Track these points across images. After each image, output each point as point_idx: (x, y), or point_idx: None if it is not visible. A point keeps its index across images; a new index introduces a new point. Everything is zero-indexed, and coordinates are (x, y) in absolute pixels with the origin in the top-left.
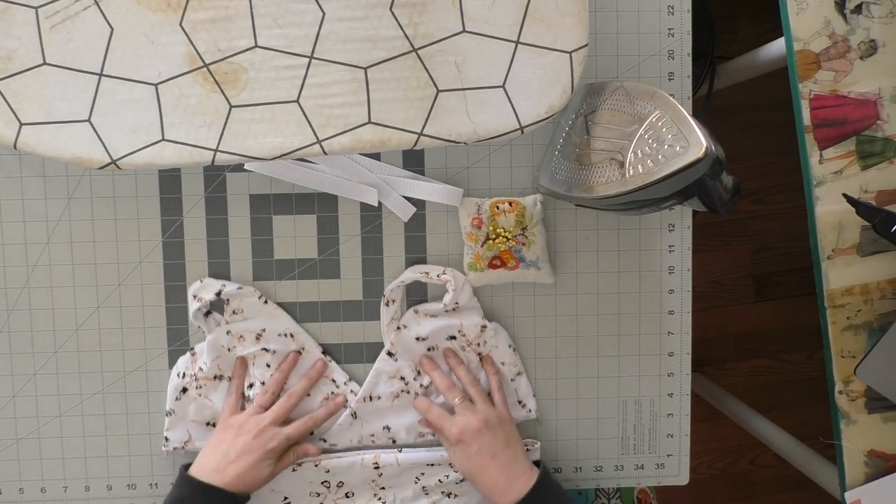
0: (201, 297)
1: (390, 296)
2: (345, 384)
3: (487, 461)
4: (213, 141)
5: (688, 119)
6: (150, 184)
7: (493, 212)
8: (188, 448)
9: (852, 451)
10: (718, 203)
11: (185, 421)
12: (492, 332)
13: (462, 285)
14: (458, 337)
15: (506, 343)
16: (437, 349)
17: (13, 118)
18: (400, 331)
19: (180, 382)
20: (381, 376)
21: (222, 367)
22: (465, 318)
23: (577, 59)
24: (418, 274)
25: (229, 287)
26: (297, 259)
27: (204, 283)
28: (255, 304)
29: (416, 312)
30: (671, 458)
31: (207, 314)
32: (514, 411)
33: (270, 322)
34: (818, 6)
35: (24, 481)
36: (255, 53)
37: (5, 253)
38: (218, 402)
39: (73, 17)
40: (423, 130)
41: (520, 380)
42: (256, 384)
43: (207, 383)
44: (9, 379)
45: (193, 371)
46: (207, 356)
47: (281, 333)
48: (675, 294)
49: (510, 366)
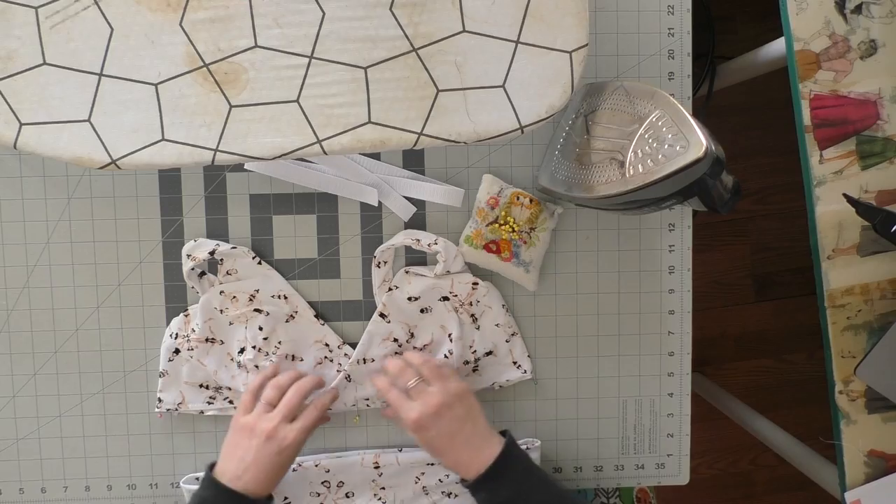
0: (195, 256)
1: (381, 257)
2: (338, 347)
3: (447, 442)
4: (213, 141)
5: (688, 119)
6: (150, 184)
7: (513, 200)
8: (181, 410)
9: (852, 451)
10: (718, 203)
11: (178, 382)
12: (484, 290)
13: (454, 256)
14: (451, 297)
15: (499, 303)
16: (429, 310)
17: (13, 118)
18: (391, 292)
19: (173, 343)
20: (374, 338)
21: (214, 330)
22: (456, 276)
23: (577, 58)
24: (409, 239)
25: (223, 247)
26: (297, 259)
27: (198, 242)
28: (249, 265)
29: (406, 273)
30: (671, 457)
31: (202, 275)
32: (508, 372)
33: (264, 283)
34: (818, 6)
35: (24, 481)
36: (255, 53)
37: (5, 253)
38: (210, 364)
39: (73, 17)
40: (423, 130)
41: (514, 340)
42: (248, 348)
43: (199, 346)
44: (9, 379)
45: (186, 332)
46: (200, 318)
47: (274, 295)
48: (676, 294)
49: (504, 327)
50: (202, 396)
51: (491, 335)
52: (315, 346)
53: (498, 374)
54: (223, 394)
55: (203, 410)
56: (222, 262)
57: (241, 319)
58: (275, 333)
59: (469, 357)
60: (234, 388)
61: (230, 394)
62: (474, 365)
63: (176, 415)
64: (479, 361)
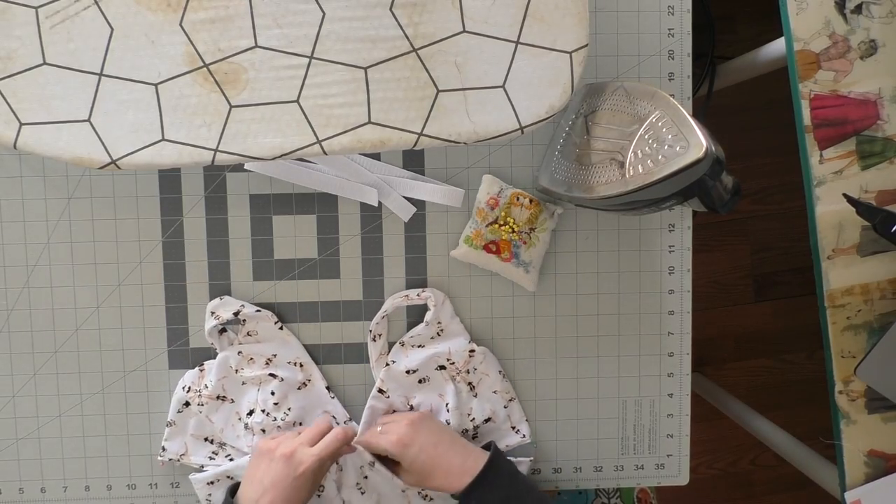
0: (219, 314)
1: (376, 330)
2: (345, 423)
3: (433, 454)
4: (213, 141)
5: (688, 119)
6: (150, 184)
7: (512, 200)
8: (183, 461)
9: (852, 451)
10: (718, 203)
11: (184, 434)
12: (480, 358)
13: (442, 301)
14: (448, 366)
15: (495, 369)
16: (427, 380)
17: (13, 118)
18: (389, 367)
19: (184, 396)
20: (375, 413)
21: (226, 388)
22: (452, 342)
23: (577, 59)
24: (398, 299)
25: (248, 308)
26: (297, 259)
27: (223, 300)
28: (269, 329)
29: (402, 345)
30: (671, 458)
31: (222, 332)
32: (507, 437)
33: (282, 348)
34: (818, 6)
35: (23, 481)
36: (255, 53)
37: (5, 253)
38: (218, 422)
39: (73, 17)
40: (423, 130)
41: (512, 406)
42: (257, 411)
43: (210, 402)
44: (9, 379)
45: (199, 387)
46: (214, 375)
47: (291, 361)
48: (675, 294)
49: (502, 393)
50: (205, 451)
51: (489, 402)
52: (323, 417)
53: (498, 439)
54: (226, 451)
55: (203, 465)
56: (244, 322)
57: (254, 381)
58: (286, 399)
59: (468, 426)
60: (238, 447)
61: (233, 452)
62: (474, 433)
63: (177, 465)
64: (479, 429)
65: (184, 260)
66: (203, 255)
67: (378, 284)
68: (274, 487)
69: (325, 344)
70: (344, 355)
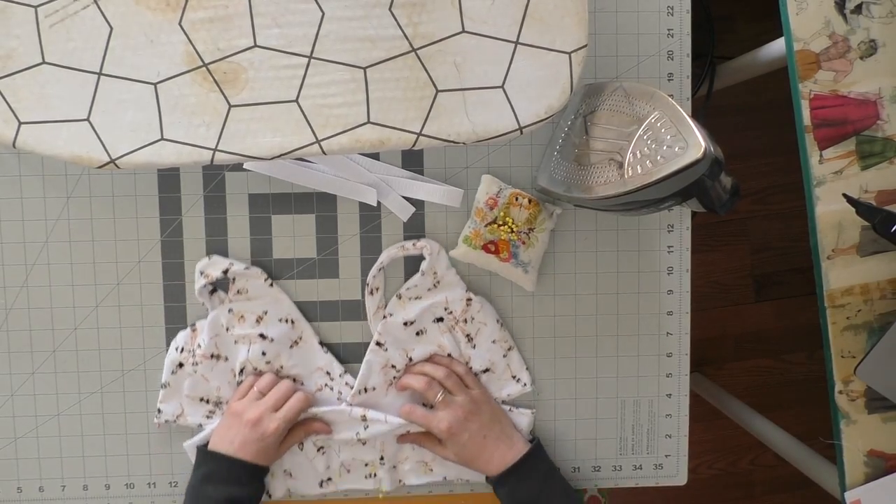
0: (208, 273)
1: (373, 284)
2: (339, 376)
3: (480, 443)
4: (213, 140)
5: (687, 120)
6: (149, 183)
7: (511, 200)
8: (179, 422)
9: (852, 451)
10: (717, 204)
11: (179, 395)
12: (478, 307)
13: (438, 251)
14: (446, 316)
15: (493, 318)
16: (425, 332)
17: (12, 117)
18: (386, 320)
19: (177, 357)
20: (373, 367)
21: (220, 347)
22: (449, 292)
23: (576, 59)
24: (394, 250)
25: (237, 266)
26: (296, 258)
27: (212, 259)
28: (260, 286)
29: (399, 298)
30: (669, 458)
31: (212, 292)
32: (508, 386)
33: (273, 305)
34: (818, 6)
35: (22, 480)
36: (254, 53)
37: (4, 252)
38: (213, 380)
39: (73, 17)
40: (422, 130)
41: (511, 354)
42: (248, 367)
43: (204, 361)
44: (7, 377)
45: (192, 347)
46: (206, 334)
47: (282, 318)
48: (674, 295)
49: (500, 342)
50: (202, 410)
51: (487, 352)
52: (317, 373)
53: (498, 389)
54: (222, 409)
55: (201, 424)
56: (234, 280)
57: (244, 340)
58: (278, 358)
59: None
60: None
61: None
62: None
63: (174, 426)
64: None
65: (182, 259)
66: (202, 255)
67: None
68: (242, 448)
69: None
70: (343, 354)
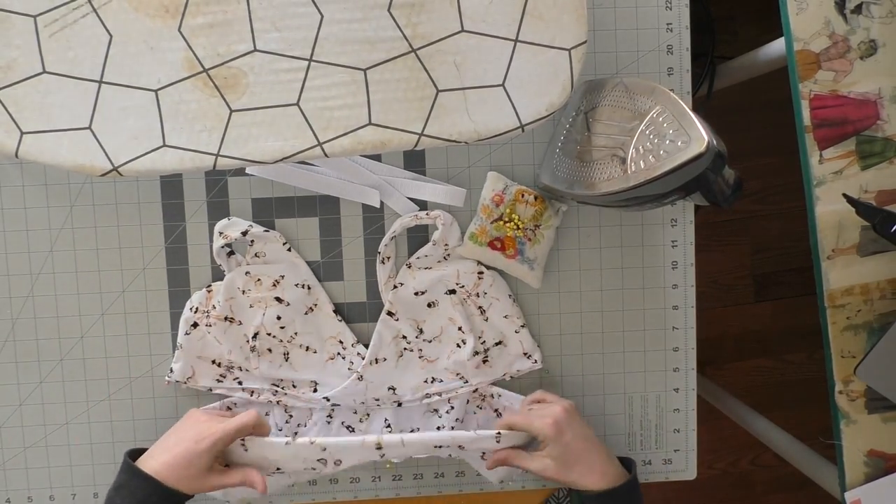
0: (227, 234)
1: (385, 253)
2: (352, 346)
3: (583, 445)
4: (214, 146)
5: (688, 113)
6: (152, 190)
7: (517, 197)
8: (189, 384)
9: (852, 451)
10: (720, 197)
11: (191, 356)
12: (490, 280)
13: (451, 223)
14: (458, 289)
15: (505, 293)
16: (436, 304)
17: (14, 127)
18: (397, 289)
19: (192, 317)
20: (384, 338)
21: (234, 310)
22: (459, 265)
23: (576, 56)
24: (407, 219)
25: (256, 228)
26: None
27: (231, 220)
28: (278, 250)
29: (409, 267)
30: (678, 453)
31: (230, 254)
32: (519, 362)
33: (290, 270)
34: (818, 6)
35: (32, 489)
36: (254, 57)
37: (9, 262)
38: (225, 343)
39: (72, 25)
40: (423, 131)
41: (523, 332)
42: (262, 332)
43: (217, 323)
44: (15, 388)
45: (206, 308)
46: (222, 295)
47: (298, 283)
48: (679, 289)
49: (513, 318)
50: (212, 373)
51: (500, 326)
52: (329, 342)
53: (509, 364)
54: (234, 373)
55: (211, 388)
56: (253, 243)
57: (260, 304)
58: (293, 324)
59: (479, 348)
60: (247, 369)
61: (241, 374)
62: (484, 356)
63: (184, 387)
64: (489, 352)
65: (187, 265)
66: (206, 261)
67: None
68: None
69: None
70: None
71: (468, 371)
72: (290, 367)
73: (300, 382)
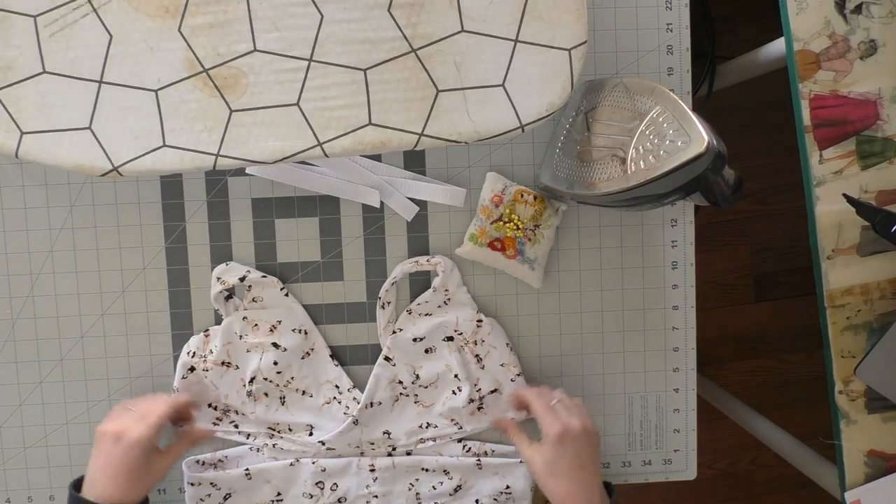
0: (225, 279)
1: (385, 298)
2: (348, 391)
3: (575, 470)
4: (215, 146)
5: (688, 114)
6: (152, 190)
7: (517, 197)
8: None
9: (852, 451)
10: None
11: None
12: (488, 329)
13: (451, 269)
14: (456, 336)
15: (503, 341)
16: (434, 350)
17: (14, 127)
18: (396, 334)
19: (189, 361)
20: (380, 382)
21: (231, 355)
22: (459, 311)
23: (576, 56)
24: (408, 265)
25: (253, 274)
26: (301, 262)
27: (229, 266)
28: (275, 295)
29: (409, 313)
30: (678, 453)
31: (228, 298)
32: (514, 411)
33: (287, 315)
34: (818, 6)
35: (32, 489)
36: (254, 57)
37: (9, 262)
38: (222, 387)
39: (72, 25)
40: (423, 131)
41: (519, 380)
42: (259, 377)
43: (215, 368)
44: (15, 388)
45: (204, 353)
46: (219, 340)
47: (295, 328)
48: (679, 289)
49: (510, 366)
50: (209, 416)
51: (495, 374)
52: (326, 386)
53: (503, 412)
54: (230, 417)
55: None
56: (250, 288)
57: (257, 349)
58: (290, 368)
59: (474, 395)
60: (244, 413)
61: (237, 418)
62: (479, 403)
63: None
64: (485, 399)
65: (187, 265)
66: (206, 261)
67: (381, 286)
68: (108, 468)
69: (331, 346)
70: (349, 357)
71: (463, 417)
72: (287, 411)
73: (296, 426)
